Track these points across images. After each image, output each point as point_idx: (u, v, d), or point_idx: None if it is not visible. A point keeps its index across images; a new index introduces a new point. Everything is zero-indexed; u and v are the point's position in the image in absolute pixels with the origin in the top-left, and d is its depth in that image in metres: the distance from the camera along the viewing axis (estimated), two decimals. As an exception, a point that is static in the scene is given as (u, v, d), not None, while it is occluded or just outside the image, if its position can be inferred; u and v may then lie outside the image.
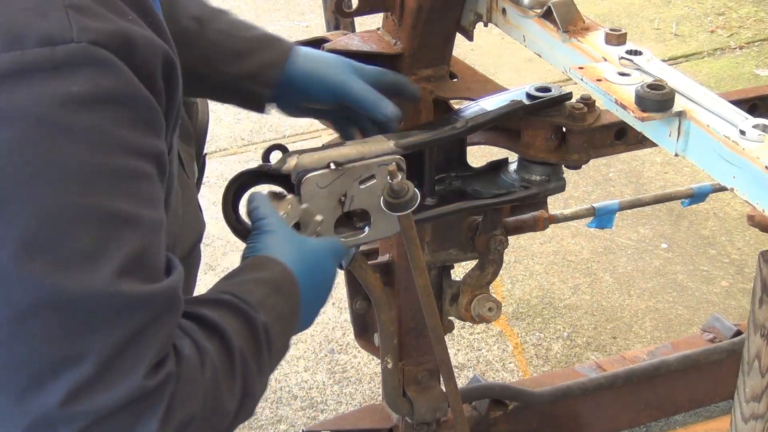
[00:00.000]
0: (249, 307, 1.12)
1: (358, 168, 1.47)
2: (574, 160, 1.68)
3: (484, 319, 1.90)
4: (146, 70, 0.96)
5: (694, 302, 3.02)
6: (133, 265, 0.94)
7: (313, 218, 1.42)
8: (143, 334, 0.95)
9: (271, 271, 1.21)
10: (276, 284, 1.20)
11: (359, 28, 1.93)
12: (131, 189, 0.95)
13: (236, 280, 1.19)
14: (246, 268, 1.22)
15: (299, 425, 2.56)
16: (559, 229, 3.34)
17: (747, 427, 1.36)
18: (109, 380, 0.93)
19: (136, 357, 0.95)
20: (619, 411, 2.41)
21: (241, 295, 1.14)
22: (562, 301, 3.03)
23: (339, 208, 1.48)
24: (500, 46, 4.66)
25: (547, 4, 1.54)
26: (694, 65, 4.55)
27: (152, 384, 0.95)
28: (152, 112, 0.97)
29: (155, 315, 0.97)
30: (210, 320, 1.08)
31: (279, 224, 1.30)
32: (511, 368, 2.76)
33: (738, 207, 3.42)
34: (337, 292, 3.06)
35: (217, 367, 1.05)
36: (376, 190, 1.47)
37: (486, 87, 1.76)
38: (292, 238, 1.30)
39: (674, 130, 1.31)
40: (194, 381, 1.01)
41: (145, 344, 0.96)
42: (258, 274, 1.20)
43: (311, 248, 1.31)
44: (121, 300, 0.93)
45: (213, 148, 4.01)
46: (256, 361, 1.11)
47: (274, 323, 1.15)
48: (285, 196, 1.40)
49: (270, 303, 1.16)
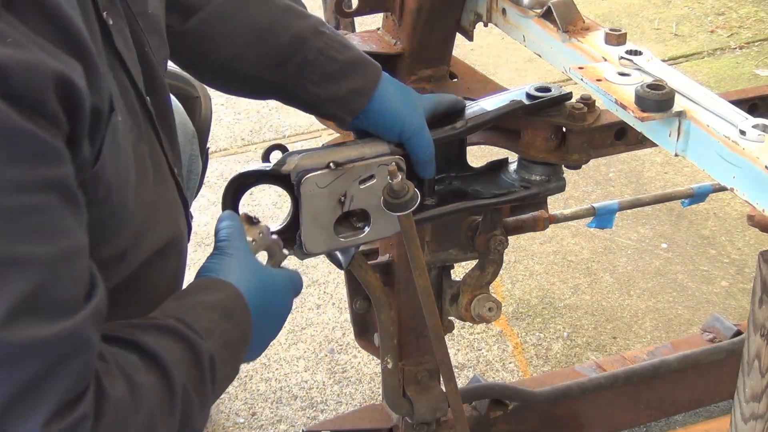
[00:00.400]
0: (195, 334, 1.08)
1: (358, 168, 1.46)
2: (574, 160, 1.68)
3: (484, 319, 1.90)
4: (28, 97, 0.89)
5: (694, 302, 3.02)
6: (26, 307, 0.88)
7: (281, 250, 1.39)
8: (42, 380, 0.89)
9: (224, 296, 1.17)
10: (227, 310, 1.16)
11: (359, 28, 1.93)
12: (18, 227, 0.89)
13: (186, 301, 1.14)
14: (197, 289, 1.18)
15: (299, 425, 2.56)
16: (559, 229, 3.34)
17: (747, 427, 1.36)
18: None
19: (32, 405, 0.88)
20: (619, 411, 2.41)
21: (188, 320, 1.09)
22: (562, 301, 3.03)
23: (339, 208, 1.47)
24: (500, 46, 4.66)
25: (547, 4, 1.55)
26: (694, 65, 4.55)
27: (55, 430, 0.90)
28: (37, 142, 0.89)
29: (56, 358, 0.90)
30: (150, 350, 1.03)
31: (241, 248, 1.26)
32: (511, 368, 2.76)
33: (738, 207, 3.42)
34: (337, 292, 3.06)
35: (153, 404, 1.00)
36: (376, 190, 1.47)
37: (486, 87, 1.76)
38: (252, 265, 1.25)
39: (674, 130, 1.31)
40: (122, 422, 0.96)
41: (45, 390, 0.89)
42: (209, 297, 1.16)
43: (269, 277, 1.27)
44: (11, 347, 0.87)
45: (213, 148, 4.00)
46: (198, 393, 1.06)
47: (221, 350, 1.11)
48: (258, 223, 1.36)
49: (218, 329, 1.12)
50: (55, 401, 0.90)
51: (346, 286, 2.03)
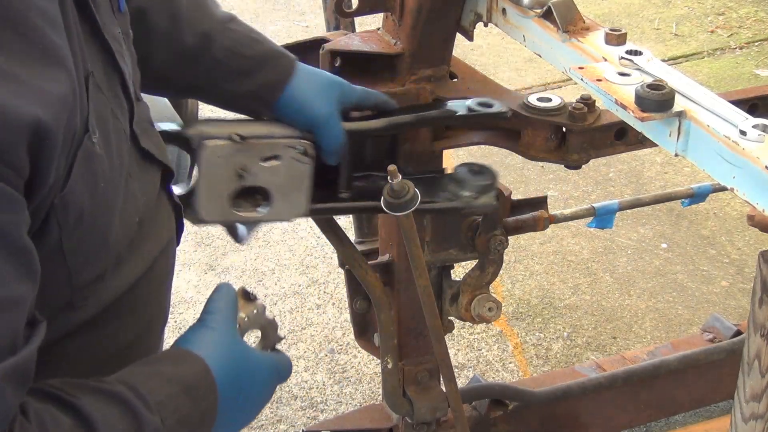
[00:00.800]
0: (144, 405, 1.02)
1: (263, 145, 1.47)
2: (574, 160, 1.68)
3: (484, 319, 1.90)
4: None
5: (694, 302, 3.02)
6: None
7: (275, 332, 1.30)
8: None
9: (190, 370, 1.11)
10: (188, 385, 1.09)
11: (359, 28, 1.93)
12: None
13: (147, 369, 1.09)
14: (165, 359, 1.13)
15: (299, 425, 2.56)
16: (559, 229, 3.34)
17: (747, 427, 1.36)
18: None
19: None
20: (619, 411, 2.41)
21: (141, 390, 1.03)
22: (562, 301, 3.03)
23: (237, 182, 1.47)
24: (500, 46, 4.66)
25: (547, 4, 1.54)
26: (694, 65, 4.55)
27: None
28: None
29: None
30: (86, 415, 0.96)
31: (225, 323, 1.18)
32: (511, 368, 2.76)
33: (738, 207, 3.42)
34: (337, 292, 3.06)
35: None
36: (280, 171, 1.47)
37: (486, 87, 1.76)
38: (232, 343, 1.18)
39: (674, 130, 1.31)
40: None
41: None
42: (173, 369, 1.10)
43: (249, 359, 1.19)
44: None
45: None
46: None
47: (173, 427, 1.04)
48: (255, 300, 1.27)
49: (174, 405, 1.05)
50: None
51: (346, 286, 2.03)
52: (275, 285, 3.11)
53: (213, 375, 1.11)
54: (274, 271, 3.18)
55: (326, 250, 3.24)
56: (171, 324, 2.80)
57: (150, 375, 1.07)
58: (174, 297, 2.94)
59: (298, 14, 5.25)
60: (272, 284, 3.12)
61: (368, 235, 2.17)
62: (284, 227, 3.42)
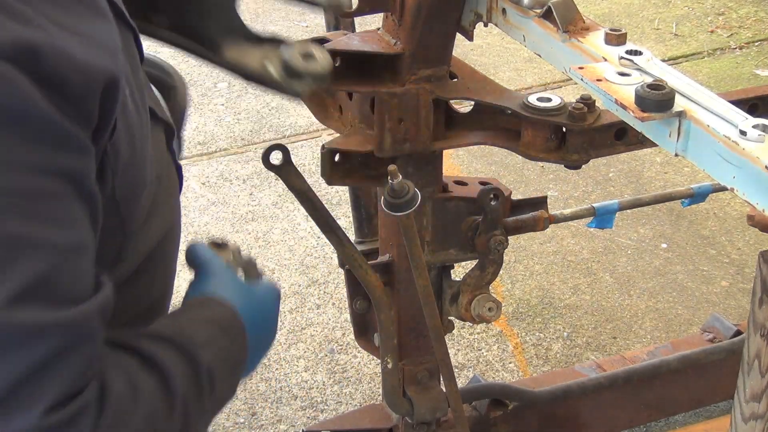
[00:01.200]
0: (194, 346, 1.06)
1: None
2: (574, 160, 1.68)
3: (484, 319, 1.90)
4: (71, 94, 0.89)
5: (694, 302, 3.02)
6: (34, 291, 0.87)
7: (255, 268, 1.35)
8: (46, 366, 0.88)
9: (218, 312, 1.16)
10: (223, 326, 1.14)
11: (359, 28, 1.93)
12: (32, 210, 0.88)
13: (180, 317, 1.13)
14: (191, 308, 1.17)
15: (299, 425, 2.56)
16: (559, 229, 3.34)
17: (747, 427, 1.37)
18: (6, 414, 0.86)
19: (35, 391, 0.87)
20: (619, 411, 2.41)
21: (186, 332, 1.08)
22: (562, 301, 3.03)
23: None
24: (500, 46, 4.66)
25: (547, 4, 1.54)
26: (694, 65, 4.55)
27: (55, 421, 0.88)
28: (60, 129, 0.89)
29: (62, 345, 0.89)
30: (149, 356, 1.01)
31: (223, 269, 1.24)
32: (511, 368, 2.76)
33: (738, 207, 3.42)
34: (337, 292, 3.06)
35: (153, 406, 0.98)
36: None
37: (486, 87, 1.76)
38: (238, 283, 1.24)
39: (674, 130, 1.31)
40: (122, 419, 0.94)
41: (48, 377, 0.88)
42: (205, 312, 1.15)
43: (257, 294, 1.25)
44: (17, 328, 0.86)
45: (213, 148, 4.01)
46: (196, 404, 1.04)
47: (220, 365, 1.09)
48: (226, 245, 1.32)
49: (216, 345, 1.10)
50: (58, 389, 0.89)
51: (346, 286, 2.03)
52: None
53: (239, 314, 1.17)
54: (274, 271, 3.18)
55: (326, 250, 3.24)
56: (171, 324, 2.80)
57: (187, 321, 1.12)
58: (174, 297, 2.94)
59: (298, 14, 5.25)
60: (272, 284, 3.12)
61: (368, 235, 2.17)
62: (284, 227, 3.42)
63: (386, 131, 1.72)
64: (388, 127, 1.71)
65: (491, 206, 1.82)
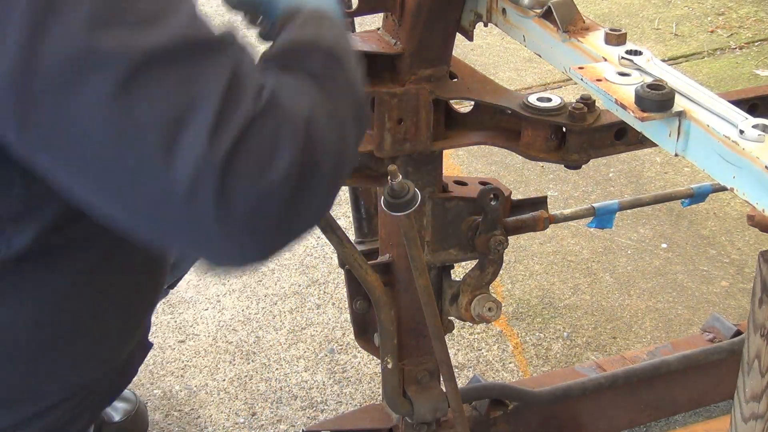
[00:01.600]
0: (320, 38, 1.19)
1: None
2: (574, 160, 1.68)
3: (484, 319, 1.90)
4: None
5: (694, 302, 3.02)
6: (195, 17, 1.03)
7: None
8: (239, 67, 1.03)
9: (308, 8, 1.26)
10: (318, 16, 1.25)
11: (359, 28, 1.93)
12: None
13: (290, 27, 1.23)
14: (287, 22, 1.26)
15: (299, 425, 2.56)
16: (559, 229, 3.34)
17: (747, 427, 1.37)
18: (230, 111, 1.00)
19: (243, 86, 1.02)
20: (619, 411, 2.41)
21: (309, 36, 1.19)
22: (562, 301, 3.03)
23: None
24: (500, 46, 4.66)
25: (547, 4, 1.55)
26: (694, 65, 4.55)
27: (261, 105, 1.02)
28: None
29: (239, 50, 1.05)
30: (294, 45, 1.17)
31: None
32: (511, 368, 2.76)
33: (738, 207, 3.42)
34: (337, 292, 3.06)
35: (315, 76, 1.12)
36: None
37: (486, 87, 1.76)
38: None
39: (674, 130, 1.31)
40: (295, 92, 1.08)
41: (244, 75, 1.03)
42: (297, 18, 1.25)
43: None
44: (206, 41, 1.02)
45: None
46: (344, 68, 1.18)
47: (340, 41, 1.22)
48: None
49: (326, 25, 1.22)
50: (253, 82, 1.04)
51: (346, 286, 2.02)
52: (275, 285, 3.11)
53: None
54: (274, 271, 3.18)
55: (326, 250, 3.24)
56: (171, 324, 2.81)
57: (297, 25, 1.23)
58: (174, 297, 2.94)
59: (298, 14, 5.25)
60: (272, 284, 3.12)
61: (368, 235, 2.17)
62: (284, 227, 3.42)
63: (386, 131, 1.72)
64: (388, 127, 1.71)
65: (491, 206, 1.82)
